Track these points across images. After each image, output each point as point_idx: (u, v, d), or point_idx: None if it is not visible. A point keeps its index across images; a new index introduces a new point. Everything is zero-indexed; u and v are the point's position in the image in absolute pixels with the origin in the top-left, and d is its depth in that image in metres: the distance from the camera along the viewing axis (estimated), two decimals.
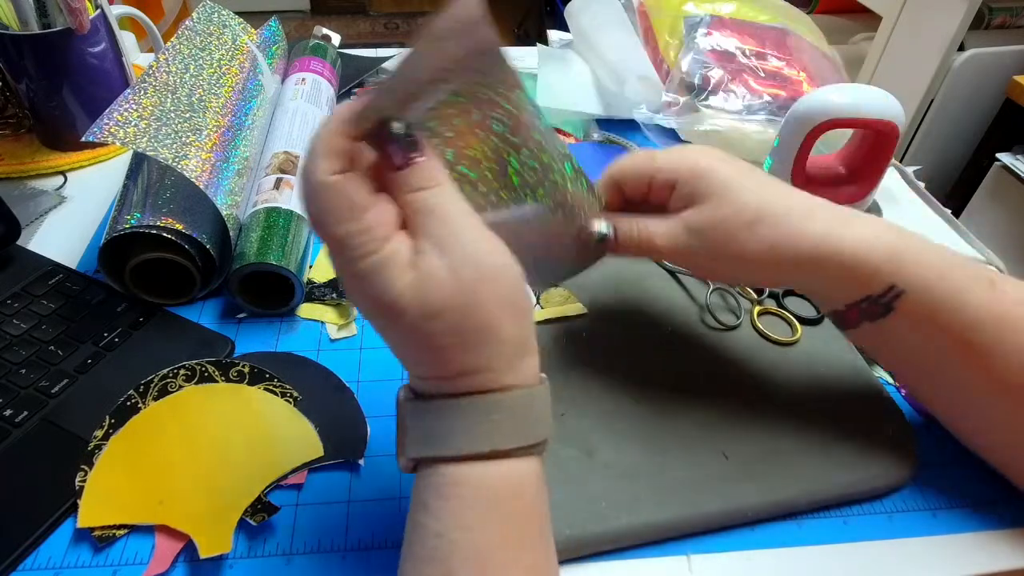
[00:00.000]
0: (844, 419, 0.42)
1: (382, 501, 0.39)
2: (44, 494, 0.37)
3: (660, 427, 0.42)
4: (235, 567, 0.36)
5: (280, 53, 0.71)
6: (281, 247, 0.48)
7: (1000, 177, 1.15)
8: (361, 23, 2.84)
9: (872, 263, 0.36)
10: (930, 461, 0.42)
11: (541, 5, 2.53)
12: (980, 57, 1.21)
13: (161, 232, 0.46)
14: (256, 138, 0.58)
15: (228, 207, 0.49)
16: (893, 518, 0.39)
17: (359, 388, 0.45)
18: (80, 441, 0.39)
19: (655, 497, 0.38)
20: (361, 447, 0.41)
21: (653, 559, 0.37)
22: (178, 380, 0.43)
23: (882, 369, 0.48)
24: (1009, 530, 0.39)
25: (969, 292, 0.35)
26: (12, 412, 0.41)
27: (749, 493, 0.38)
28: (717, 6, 0.75)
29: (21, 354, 0.44)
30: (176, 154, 0.47)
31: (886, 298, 0.36)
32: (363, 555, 0.36)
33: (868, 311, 0.37)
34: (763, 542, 0.38)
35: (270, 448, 0.40)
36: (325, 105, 0.66)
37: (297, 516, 0.38)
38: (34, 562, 0.35)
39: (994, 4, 1.22)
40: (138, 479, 0.38)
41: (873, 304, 0.37)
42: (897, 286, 0.36)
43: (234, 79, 0.59)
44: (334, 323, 0.49)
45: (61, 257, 0.53)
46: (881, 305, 0.37)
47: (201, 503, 0.37)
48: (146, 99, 0.49)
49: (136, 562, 0.35)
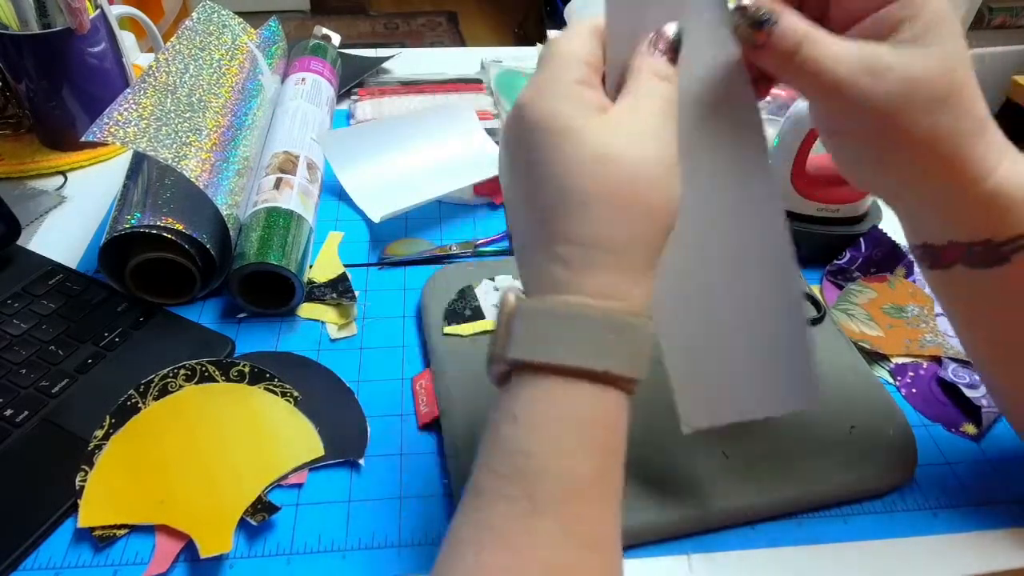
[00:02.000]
0: (844, 419, 0.42)
1: (382, 501, 0.39)
2: (44, 494, 0.37)
3: (660, 427, 0.41)
4: (235, 567, 0.36)
5: (280, 53, 0.71)
6: (281, 247, 0.48)
7: None
8: (361, 23, 2.84)
9: (1012, 202, 0.30)
10: (930, 461, 0.42)
11: (541, 5, 2.53)
12: (980, 57, 1.22)
13: (161, 232, 0.46)
14: (256, 138, 0.58)
15: (228, 207, 0.49)
16: (893, 518, 0.39)
17: (359, 388, 0.45)
18: (80, 441, 0.39)
19: (655, 497, 0.38)
20: (361, 447, 0.41)
21: (653, 559, 0.37)
22: (178, 380, 0.43)
23: (883, 370, 0.48)
24: (1009, 530, 0.39)
25: None
26: (12, 412, 0.41)
27: (749, 493, 0.38)
28: None
29: (21, 354, 0.44)
30: (176, 154, 0.47)
31: (1008, 247, 0.30)
32: (363, 555, 0.36)
33: (978, 256, 0.31)
34: (763, 542, 0.38)
35: (270, 448, 0.40)
36: (325, 105, 0.66)
37: (297, 516, 0.38)
38: (34, 562, 0.35)
39: (994, 4, 1.22)
40: (138, 479, 0.38)
41: (989, 250, 0.31)
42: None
43: (234, 79, 0.59)
44: (334, 323, 0.49)
45: (61, 257, 0.53)
46: (998, 254, 0.31)
47: (201, 503, 0.37)
48: (146, 99, 0.49)
49: (136, 562, 0.35)
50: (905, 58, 0.27)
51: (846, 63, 0.27)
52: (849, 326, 0.51)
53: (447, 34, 2.81)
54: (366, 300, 0.52)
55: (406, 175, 0.62)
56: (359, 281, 0.53)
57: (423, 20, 2.90)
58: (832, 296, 0.53)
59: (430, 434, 0.42)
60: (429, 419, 0.43)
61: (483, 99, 0.75)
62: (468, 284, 0.51)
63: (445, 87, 0.76)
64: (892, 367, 0.48)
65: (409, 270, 0.55)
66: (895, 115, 0.28)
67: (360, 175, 0.62)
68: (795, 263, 0.32)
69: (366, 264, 0.55)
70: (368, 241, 0.57)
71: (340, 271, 0.53)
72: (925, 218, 0.33)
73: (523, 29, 2.74)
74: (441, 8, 2.98)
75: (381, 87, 0.76)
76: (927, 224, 0.33)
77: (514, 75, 0.77)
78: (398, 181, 0.61)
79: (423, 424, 0.43)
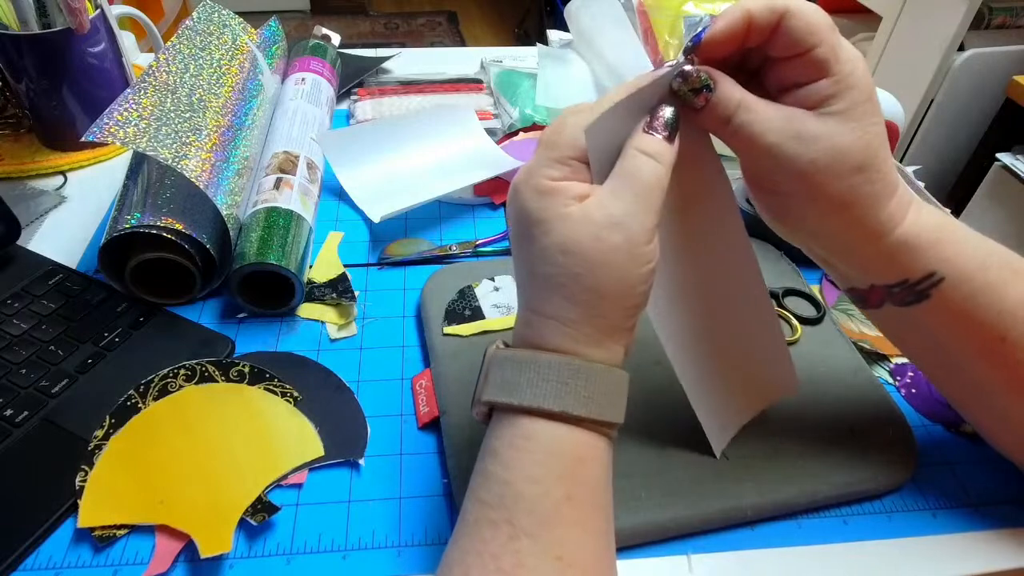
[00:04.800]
0: (844, 419, 0.42)
1: (382, 501, 0.39)
2: (44, 494, 0.37)
3: (660, 427, 0.41)
4: (235, 567, 0.36)
5: (280, 53, 0.71)
6: (281, 247, 0.48)
7: (1000, 177, 1.15)
8: (361, 23, 2.84)
9: (919, 247, 0.32)
10: (930, 461, 0.42)
11: (541, 5, 2.53)
12: (980, 57, 1.21)
13: (161, 232, 0.46)
14: (256, 138, 0.58)
15: (228, 207, 0.49)
16: (893, 518, 0.39)
17: (359, 388, 0.45)
18: (80, 441, 0.39)
19: (655, 497, 0.38)
20: (361, 447, 0.41)
21: (653, 559, 0.37)
22: (178, 380, 0.43)
23: (883, 370, 0.48)
24: (1009, 530, 0.39)
25: (1009, 285, 0.33)
26: (12, 412, 0.41)
27: (749, 493, 0.38)
28: (717, 6, 0.75)
29: (21, 354, 0.44)
30: (176, 154, 0.47)
31: (923, 285, 0.33)
32: (363, 555, 0.36)
33: (899, 296, 0.34)
34: (763, 542, 0.38)
35: (270, 448, 0.40)
36: (325, 105, 0.66)
37: (297, 516, 0.38)
38: (35, 562, 0.35)
39: (994, 4, 1.22)
40: (138, 479, 0.38)
41: (906, 290, 0.33)
42: (937, 273, 0.32)
43: (234, 79, 0.59)
44: (334, 323, 0.49)
45: (61, 257, 0.53)
46: (916, 292, 0.33)
47: (201, 503, 0.37)
48: (146, 99, 0.49)
49: (136, 562, 0.35)
50: (831, 129, 0.30)
51: (776, 130, 0.30)
52: (849, 326, 0.51)
53: (447, 34, 2.81)
54: (366, 300, 0.52)
55: (406, 175, 0.62)
56: (359, 281, 0.53)
57: (423, 20, 2.90)
58: (832, 296, 0.53)
59: (430, 434, 0.42)
60: (429, 419, 0.43)
61: (483, 99, 0.75)
62: (468, 284, 0.51)
63: (445, 87, 0.76)
64: (892, 367, 0.48)
65: (409, 270, 0.55)
66: (817, 178, 0.30)
67: (360, 175, 0.62)
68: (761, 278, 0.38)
69: (366, 264, 0.55)
70: (368, 241, 0.57)
71: (340, 271, 0.53)
72: (845, 267, 0.35)
73: (523, 29, 2.74)
74: (441, 8, 2.98)
75: (381, 87, 0.76)
76: (848, 271, 0.36)
77: (514, 75, 0.77)
78: (398, 181, 0.61)
79: (423, 424, 0.43)
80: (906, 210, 0.32)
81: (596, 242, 0.28)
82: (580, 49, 0.79)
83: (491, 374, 0.30)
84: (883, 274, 0.34)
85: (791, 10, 0.29)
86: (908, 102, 1.26)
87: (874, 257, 0.33)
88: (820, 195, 0.31)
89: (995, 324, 0.33)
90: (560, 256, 0.28)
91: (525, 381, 0.29)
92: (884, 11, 1.31)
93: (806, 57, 0.29)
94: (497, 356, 0.31)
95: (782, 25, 0.29)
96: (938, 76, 1.23)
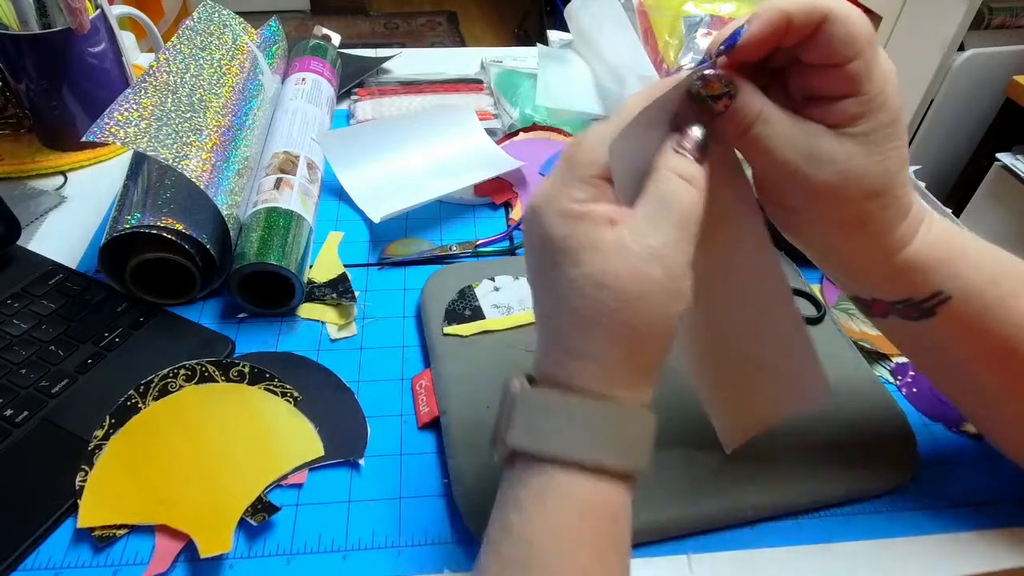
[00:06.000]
0: (844, 419, 0.42)
1: (382, 501, 0.39)
2: (44, 494, 0.37)
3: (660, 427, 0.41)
4: (235, 567, 0.35)
5: (280, 53, 0.71)
6: (281, 247, 0.48)
7: (1000, 177, 1.15)
8: (361, 23, 2.84)
9: (926, 267, 0.31)
10: (930, 461, 0.42)
11: (541, 5, 2.53)
12: (980, 57, 1.21)
13: (161, 232, 0.46)
14: (256, 138, 0.58)
15: (228, 207, 0.49)
16: (893, 518, 0.39)
17: (359, 388, 0.45)
18: (80, 441, 0.39)
19: (655, 497, 0.38)
20: (361, 447, 0.41)
21: (653, 559, 0.37)
22: (178, 380, 0.43)
23: (884, 370, 0.48)
24: (1009, 530, 0.39)
25: (1020, 298, 0.32)
26: (12, 412, 0.41)
27: (749, 493, 0.38)
28: (717, 6, 0.75)
29: (21, 354, 0.44)
30: (176, 154, 0.47)
31: (929, 303, 0.32)
32: (363, 555, 0.36)
33: (904, 312, 0.33)
34: (763, 542, 0.38)
35: (270, 448, 0.40)
36: (325, 105, 0.66)
37: (297, 516, 0.38)
38: (34, 562, 0.35)
39: (994, 4, 1.22)
40: (138, 479, 0.38)
41: (912, 307, 0.33)
42: (944, 292, 0.32)
43: (234, 79, 0.59)
44: (334, 323, 0.49)
45: (61, 257, 0.53)
46: (922, 309, 0.32)
47: (201, 503, 0.37)
48: (146, 99, 0.49)
49: (136, 562, 0.35)
50: (848, 151, 0.28)
51: (792, 147, 0.28)
52: (849, 325, 0.51)
53: (447, 34, 2.81)
54: (366, 300, 0.52)
55: (406, 175, 0.62)
56: (359, 281, 0.53)
57: (423, 20, 2.90)
58: (832, 296, 0.53)
59: (430, 434, 0.42)
60: (429, 419, 0.43)
61: (483, 99, 0.75)
62: (468, 284, 0.51)
63: (445, 87, 0.76)
64: (893, 366, 0.48)
65: (409, 270, 0.55)
66: (828, 200, 0.29)
67: (360, 175, 0.62)
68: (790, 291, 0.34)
69: (366, 264, 0.55)
70: (368, 241, 0.57)
71: (340, 271, 0.53)
72: (850, 279, 0.35)
73: (523, 29, 2.74)
74: (441, 8, 2.98)
75: (381, 87, 0.76)
76: (853, 283, 0.35)
77: (514, 75, 0.77)
78: (398, 181, 0.61)
79: (423, 424, 0.43)
80: (917, 228, 0.31)
81: (634, 275, 0.26)
82: (580, 49, 0.79)
83: (516, 416, 0.28)
84: (888, 291, 0.33)
85: (832, 15, 0.26)
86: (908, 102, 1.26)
87: (879, 276, 0.32)
88: (830, 216, 0.30)
89: (1007, 337, 0.32)
90: (594, 290, 0.26)
91: (555, 427, 0.27)
92: (884, 11, 1.31)
93: (838, 70, 0.27)
94: (523, 397, 0.28)
95: (821, 30, 0.27)
96: (938, 76, 1.23)
